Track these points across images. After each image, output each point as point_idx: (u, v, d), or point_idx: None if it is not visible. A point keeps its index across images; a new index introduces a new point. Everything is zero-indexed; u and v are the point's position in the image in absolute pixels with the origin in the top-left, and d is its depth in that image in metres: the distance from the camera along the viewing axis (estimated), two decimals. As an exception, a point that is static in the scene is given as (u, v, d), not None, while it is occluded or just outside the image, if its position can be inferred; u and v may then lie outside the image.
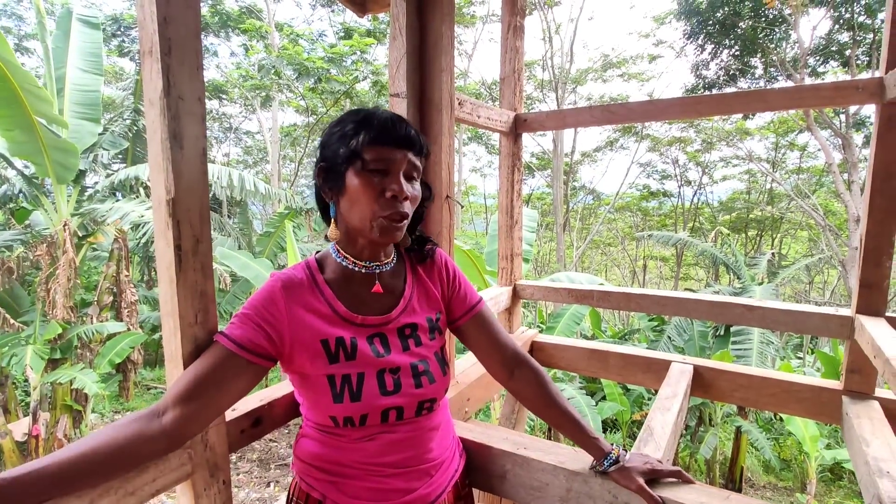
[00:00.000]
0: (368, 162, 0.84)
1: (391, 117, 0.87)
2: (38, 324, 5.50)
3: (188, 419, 0.78)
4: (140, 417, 0.77)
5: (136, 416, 0.77)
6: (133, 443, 0.74)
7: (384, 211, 0.85)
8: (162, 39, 0.80)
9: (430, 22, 1.35)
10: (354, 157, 0.84)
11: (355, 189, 0.85)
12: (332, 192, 0.89)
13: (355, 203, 0.86)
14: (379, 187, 0.85)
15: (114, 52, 11.31)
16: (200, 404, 0.79)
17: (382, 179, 0.85)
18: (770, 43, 10.25)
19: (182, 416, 0.77)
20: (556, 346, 1.85)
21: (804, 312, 1.42)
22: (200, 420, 0.81)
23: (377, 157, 0.84)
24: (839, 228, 12.56)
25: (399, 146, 0.86)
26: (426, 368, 0.93)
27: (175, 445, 0.80)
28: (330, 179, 0.89)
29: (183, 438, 0.80)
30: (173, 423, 0.77)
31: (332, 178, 0.88)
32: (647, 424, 1.22)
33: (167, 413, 0.77)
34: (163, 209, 0.85)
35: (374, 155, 0.84)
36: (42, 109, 4.74)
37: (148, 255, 8.83)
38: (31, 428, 5.36)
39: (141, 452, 0.76)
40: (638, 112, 1.65)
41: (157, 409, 0.78)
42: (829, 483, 7.70)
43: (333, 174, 0.88)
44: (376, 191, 0.84)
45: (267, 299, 0.86)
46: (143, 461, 0.78)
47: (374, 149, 0.84)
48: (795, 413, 1.45)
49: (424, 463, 0.94)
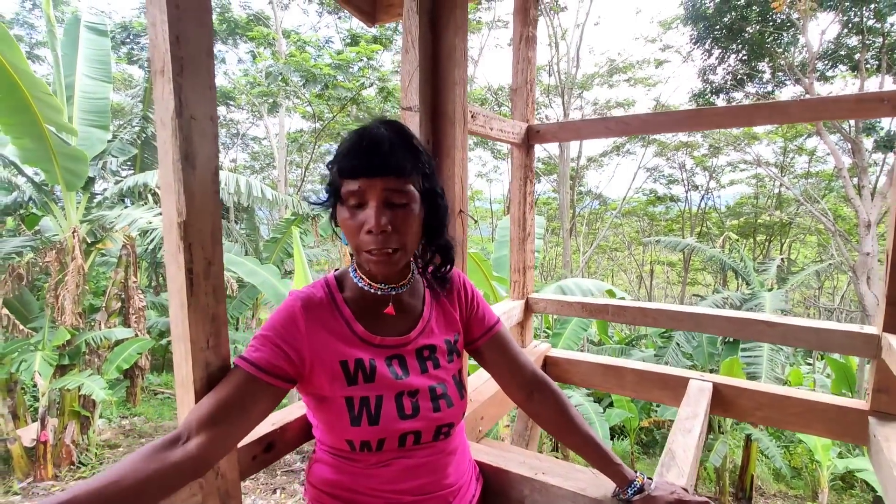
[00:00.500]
0: (344, 196, 0.83)
1: (369, 140, 0.81)
2: (47, 330, 5.51)
3: (213, 444, 0.76)
4: (162, 446, 0.74)
5: (158, 445, 0.74)
6: (159, 471, 0.71)
7: (367, 246, 0.82)
8: (174, 59, 0.78)
9: (442, 34, 1.33)
10: (336, 192, 0.84)
11: (342, 223, 0.85)
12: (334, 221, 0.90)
13: (346, 236, 0.85)
14: (358, 221, 0.82)
15: (123, 60, 11.40)
16: (224, 429, 0.78)
17: (359, 212, 0.82)
18: (778, 47, 10.18)
19: (207, 441, 0.75)
20: (569, 360, 1.81)
21: (828, 330, 1.38)
22: (225, 444, 0.80)
23: (350, 190, 0.82)
24: (849, 233, 12.43)
25: (372, 175, 0.80)
26: (444, 392, 0.91)
27: (201, 472, 0.78)
28: (331, 213, 0.89)
29: (209, 465, 0.78)
30: (198, 449, 0.74)
31: (332, 213, 0.89)
32: (668, 448, 1.18)
33: (191, 440, 0.75)
34: (174, 232, 0.83)
35: (347, 188, 0.82)
36: (52, 117, 4.77)
37: (156, 262, 8.85)
38: (40, 434, 5.36)
39: (169, 481, 0.73)
40: (653, 123, 1.62)
41: (179, 435, 0.76)
42: (840, 492, 7.58)
43: (331, 208, 0.88)
44: (356, 224, 0.82)
45: (287, 319, 0.85)
46: (171, 490, 0.75)
47: (347, 181, 0.82)
48: (820, 433, 1.40)
49: (442, 489, 0.92)
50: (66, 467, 5.59)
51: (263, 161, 17.10)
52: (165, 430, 6.97)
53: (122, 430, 6.89)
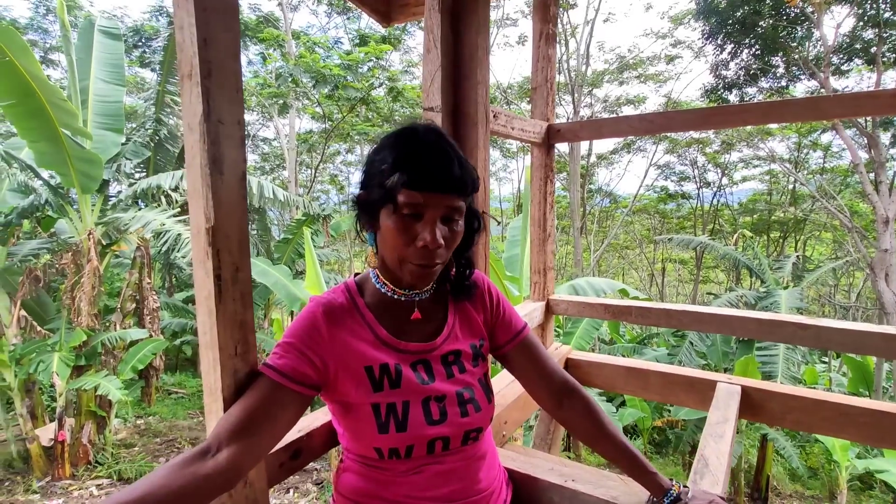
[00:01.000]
0: (401, 206, 0.77)
1: (437, 155, 0.79)
2: (64, 331, 5.58)
3: (243, 455, 0.75)
4: (192, 458, 0.72)
5: (187, 458, 0.73)
6: (192, 483, 0.69)
7: (414, 259, 0.80)
8: (202, 62, 0.77)
9: (464, 34, 1.31)
10: (388, 198, 0.79)
11: (387, 230, 0.80)
12: (368, 224, 0.86)
13: (386, 244, 0.82)
14: (410, 234, 0.79)
15: (135, 63, 11.51)
16: (253, 439, 0.76)
17: (415, 224, 0.79)
18: (792, 41, 10.03)
19: (238, 452, 0.74)
20: (591, 363, 1.78)
21: (864, 332, 1.34)
22: (255, 454, 0.78)
23: (411, 202, 0.77)
24: (866, 230, 12.23)
25: (439, 191, 0.78)
26: (472, 396, 0.90)
27: (232, 483, 0.76)
28: (365, 212, 0.85)
29: (240, 475, 0.76)
30: (229, 460, 0.73)
31: (367, 212, 0.84)
32: (700, 454, 1.15)
33: (222, 450, 0.73)
34: (202, 238, 0.82)
35: (408, 199, 0.77)
36: (67, 121, 4.83)
37: (169, 263, 8.93)
38: (58, 433, 5.43)
39: (201, 493, 0.71)
40: (677, 121, 1.58)
41: (208, 447, 0.74)
42: (858, 492, 7.47)
43: (369, 208, 0.84)
44: (407, 237, 0.79)
45: (309, 326, 0.84)
46: (204, 502, 0.73)
47: (410, 192, 0.77)
48: (853, 439, 1.36)
49: (474, 495, 0.90)
50: (84, 466, 5.66)
51: (274, 162, 17.19)
52: (180, 430, 7.03)
53: (137, 429, 6.95)
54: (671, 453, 8.31)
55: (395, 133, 0.84)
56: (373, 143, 0.89)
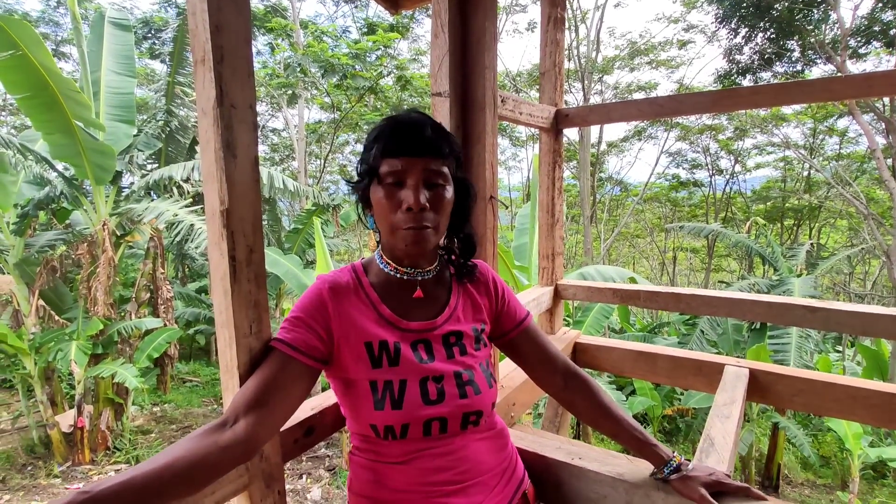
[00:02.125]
0: (383, 175, 0.84)
1: (409, 123, 0.85)
2: (81, 320, 5.69)
3: (260, 425, 0.77)
4: (211, 430, 0.76)
5: (207, 430, 0.76)
6: (211, 453, 0.72)
7: (404, 224, 0.84)
8: (214, 48, 0.79)
9: (472, 18, 1.31)
10: (373, 170, 0.85)
11: (377, 203, 0.86)
12: (365, 205, 0.91)
13: (379, 217, 0.87)
14: (395, 200, 0.84)
15: (145, 55, 11.56)
16: (269, 410, 0.79)
17: (399, 191, 0.84)
18: (808, 24, 9.80)
19: (254, 422, 0.77)
20: (599, 347, 1.80)
21: (873, 314, 1.34)
22: (271, 425, 0.81)
23: (390, 168, 0.84)
24: (882, 216, 12.01)
25: (414, 154, 0.84)
26: (471, 378, 0.91)
27: (250, 453, 0.79)
28: (361, 193, 0.90)
29: (257, 445, 0.79)
30: (246, 431, 0.76)
31: (362, 192, 0.89)
32: (706, 434, 1.16)
33: (238, 422, 0.76)
34: (217, 220, 0.84)
35: (387, 167, 0.84)
36: (81, 114, 4.88)
37: (182, 253, 9.04)
38: (77, 420, 5.57)
39: (220, 462, 0.74)
40: (687, 104, 1.57)
41: (226, 419, 0.77)
42: (871, 481, 7.43)
43: (362, 188, 0.89)
44: (393, 203, 0.84)
45: (315, 300, 0.87)
46: (222, 471, 0.76)
47: (388, 160, 0.84)
48: (863, 420, 1.37)
49: (483, 474, 0.91)
50: (102, 452, 5.81)
51: (283, 152, 17.24)
52: (195, 417, 7.17)
53: (153, 416, 7.11)
54: (681, 441, 8.31)
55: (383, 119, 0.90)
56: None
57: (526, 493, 1.01)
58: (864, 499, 6.73)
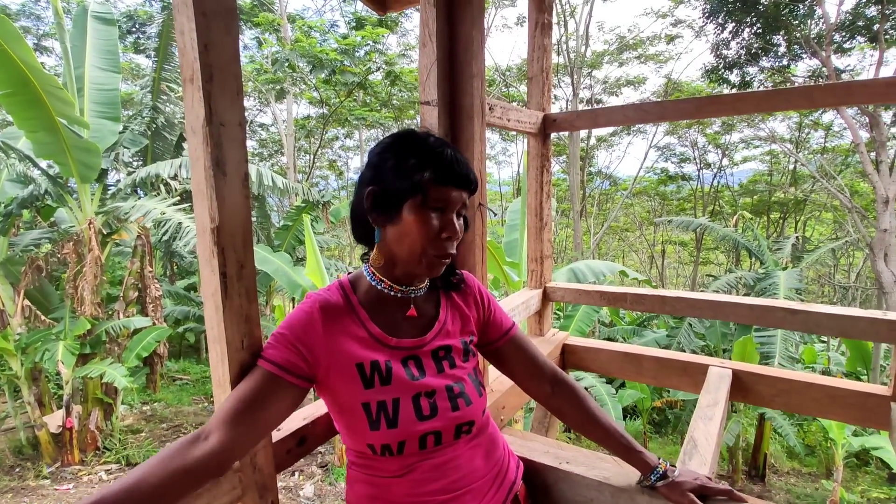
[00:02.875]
0: (431, 200, 0.84)
1: (455, 156, 0.88)
2: (68, 320, 5.64)
3: (235, 442, 0.78)
4: (186, 444, 0.77)
5: (182, 443, 0.77)
6: (182, 468, 0.74)
7: (436, 250, 0.86)
8: (203, 67, 0.79)
9: (459, 27, 1.32)
10: (416, 191, 0.84)
11: (411, 223, 0.85)
12: (381, 218, 0.88)
13: (406, 236, 0.86)
14: (436, 226, 0.85)
15: (130, 49, 11.37)
16: (245, 427, 0.79)
17: (439, 217, 0.86)
18: (794, 19, 9.88)
19: (229, 439, 0.77)
20: (587, 349, 1.83)
21: (850, 316, 1.38)
22: (247, 442, 0.81)
23: (439, 196, 0.85)
24: (866, 209, 12.21)
25: (459, 186, 0.87)
26: (462, 390, 0.92)
27: (224, 468, 0.80)
28: (382, 206, 0.87)
29: (231, 460, 0.80)
30: (221, 446, 0.77)
31: (385, 206, 0.87)
32: (689, 436, 1.20)
33: (213, 436, 0.77)
34: (207, 237, 0.85)
35: (437, 194, 0.85)
36: (64, 111, 4.81)
37: (170, 251, 8.96)
38: (65, 420, 5.53)
39: (191, 476, 0.75)
40: (672, 110, 1.60)
41: (204, 432, 0.79)
42: (855, 469, 7.61)
43: (388, 203, 0.86)
44: (432, 229, 0.85)
45: (305, 321, 0.86)
46: (196, 485, 0.78)
47: (438, 188, 0.85)
48: (840, 419, 1.41)
49: (476, 481, 0.92)
50: (92, 452, 5.77)
51: (272, 148, 17.09)
52: (186, 415, 7.14)
53: (143, 415, 7.07)
54: (670, 433, 8.45)
55: (402, 135, 0.90)
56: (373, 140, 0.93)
57: (518, 494, 1.02)
58: (848, 486, 6.90)
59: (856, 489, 6.84)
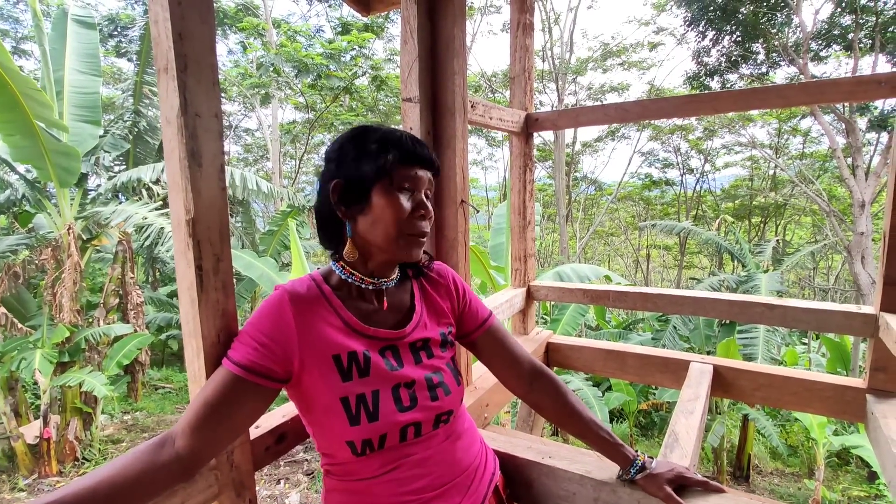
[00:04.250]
0: (398, 180, 0.84)
1: (414, 137, 0.90)
2: (46, 327, 5.51)
3: (200, 446, 0.76)
4: (152, 446, 0.75)
5: (149, 445, 0.76)
6: (146, 473, 0.72)
7: (410, 229, 0.86)
8: (177, 56, 0.78)
9: (441, 25, 1.33)
10: (383, 174, 0.84)
11: (382, 207, 0.84)
12: (350, 209, 0.86)
13: (380, 221, 0.84)
14: (407, 206, 0.85)
15: (111, 53, 11.23)
16: (211, 431, 0.77)
17: (410, 198, 0.86)
18: (772, 28, 10.13)
19: (195, 443, 0.76)
20: (571, 346, 1.84)
21: (826, 311, 1.41)
22: (214, 447, 0.79)
23: (406, 175, 0.85)
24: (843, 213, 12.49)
25: (423, 166, 0.88)
26: (441, 380, 0.92)
27: (190, 473, 0.78)
28: (349, 197, 0.85)
29: (197, 465, 0.78)
30: (186, 451, 0.75)
31: (353, 196, 0.85)
32: (671, 429, 1.20)
33: (179, 440, 0.76)
34: (182, 229, 0.84)
35: (403, 173, 0.85)
36: (42, 114, 4.72)
37: (152, 257, 8.83)
38: (43, 431, 5.39)
39: (156, 481, 0.74)
40: (651, 109, 1.62)
41: (170, 435, 0.77)
42: (836, 468, 7.73)
43: (355, 192, 0.85)
44: (404, 209, 0.84)
45: (274, 314, 0.82)
46: (159, 490, 0.76)
47: (403, 168, 0.85)
48: (818, 412, 1.43)
49: (457, 475, 0.92)
50: (70, 463, 5.63)
51: (257, 153, 16.97)
52: (168, 424, 7.00)
53: (124, 425, 6.92)
54: (657, 435, 8.51)
55: (357, 129, 0.91)
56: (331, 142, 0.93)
57: (497, 485, 1.02)
58: (830, 485, 7.01)
59: (837, 488, 6.94)
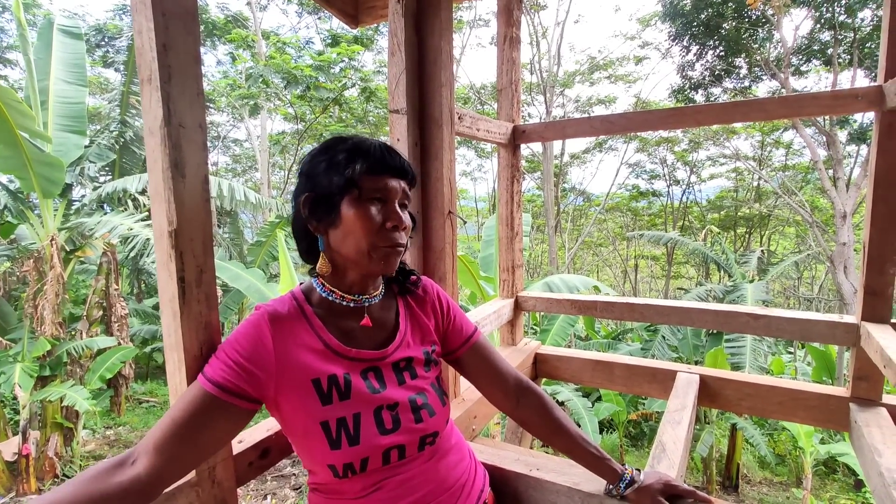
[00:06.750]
0: (366, 191, 0.82)
1: (384, 146, 0.86)
2: (27, 340, 5.39)
3: (163, 469, 0.72)
4: (110, 465, 0.71)
5: (107, 464, 0.71)
6: (102, 493, 0.68)
7: (384, 242, 0.82)
8: (161, 67, 0.78)
9: (428, 37, 1.34)
10: (351, 186, 0.81)
11: (351, 219, 0.81)
12: (321, 223, 0.84)
13: (350, 234, 0.82)
14: (378, 217, 0.82)
15: (98, 63, 11.16)
16: (177, 452, 0.73)
17: (380, 209, 0.83)
18: (754, 43, 10.38)
19: (157, 466, 0.72)
20: (559, 357, 1.84)
21: (810, 320, 1.43)
22: (178, 470, 0.75)
23: (375, 186, 0.82)
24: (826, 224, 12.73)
25: (394, 175, 0.85)
26: (425, 402, 0.89)
27: (149, 498, 0.73)
28: (320, 210, 0.84)
29: (158, 489, 0.74)
30: (148, 472, 0.71)
31: (323, 209, 0.83)
32: (658, 440, 1.20)
33: (141, 461, 0.72)
34: (165, 241, 0.83)
35: (371, 184, 0.82)
36: (25, 124, 4.67)
37: (137, 269, 8.71)
38: (22, 447, 5.24)
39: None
40: (636, 122, 1.64)
41: (132, 454, 0.73)
42: (823, 477, 7.78)
43: (325, 205, 0.83)
44: (375, 221, 0.82)
45: (253, 335, 0.80)
46: None
47: (372, 178, 0.82)
48: (803, 421, 1.45)
49: (444, 492, 0.89)
50: (50, 480, 5.48)
51: (245, 164, 16.90)
52: (152, 439, 6.85)
53: (106, 440, 6.76)
54: (646, 446, 8.50)
55: (329, 140, 0.88)
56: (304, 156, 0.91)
57: (486, 502, 1.00)
58: (817, 494, 7.04)
59: (825, 496, 6.98)
